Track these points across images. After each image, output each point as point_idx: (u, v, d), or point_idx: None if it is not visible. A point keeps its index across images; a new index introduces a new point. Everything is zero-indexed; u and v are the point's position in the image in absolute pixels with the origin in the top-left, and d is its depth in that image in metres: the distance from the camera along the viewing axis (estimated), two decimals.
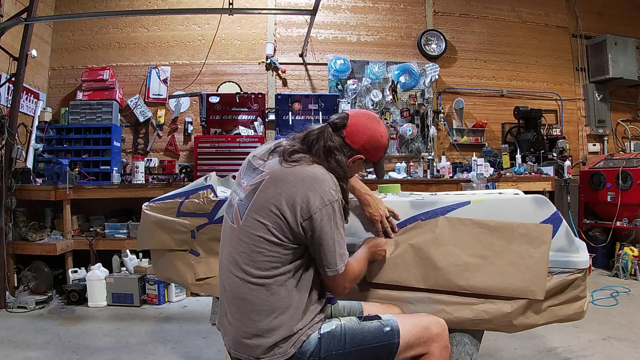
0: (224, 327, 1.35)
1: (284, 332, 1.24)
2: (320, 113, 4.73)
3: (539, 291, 1.52)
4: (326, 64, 5.28)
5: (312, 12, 4.02)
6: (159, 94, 5.09)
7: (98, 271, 3.79)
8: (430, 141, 5.28)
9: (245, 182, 1.36)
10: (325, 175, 1.27)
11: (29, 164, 4.34)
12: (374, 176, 4.95)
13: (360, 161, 1.40)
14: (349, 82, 5.20)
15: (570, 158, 5.27)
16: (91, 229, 4.19)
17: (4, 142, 3.77)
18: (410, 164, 5.19)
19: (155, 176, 4.63)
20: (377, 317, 1.38)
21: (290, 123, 4.71)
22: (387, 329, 1.33)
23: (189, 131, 5.07)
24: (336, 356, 1.28)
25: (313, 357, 1.26)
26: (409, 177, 4.95)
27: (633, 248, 4.45)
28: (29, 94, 4.58)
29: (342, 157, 1.33)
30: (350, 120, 1.37)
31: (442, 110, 5.47)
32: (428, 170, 5.06)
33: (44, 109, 4.72)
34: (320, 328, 1.31)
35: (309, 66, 5.33)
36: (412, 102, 5.31)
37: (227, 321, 1.32)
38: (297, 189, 1.23)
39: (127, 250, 4.00)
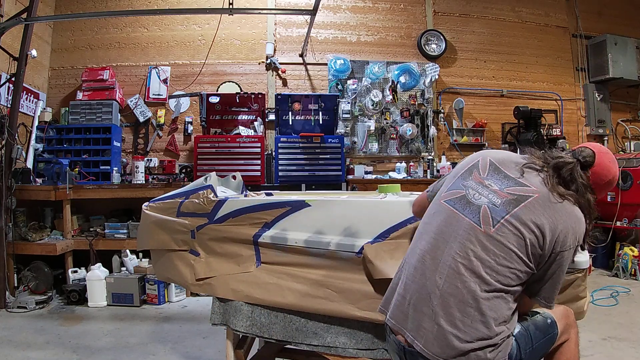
0: (424, 331, 1.23)
1: (502, 341, 1.22)
2: (320, 113, 4.73)
3: None
4: (326, 64, 5.28)
5: (312, 12, 4.02)
6: (159, 94, 5.09)
7: (98, 271, 3.78)
8: (430, 141, 5.28)
9: (495, 185, 1.30)
10: (583, 219, 1.28)
11: (29, 164, 4.34)
12: (374, 176, 4.96)
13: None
14: (349, 82, 5.20)
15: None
16: (91, 229, 4.19)
17: (4, 142, 3.76)
18: (411, 164, 5.19)
19: (155, 176, 4.63)
20: (536, 312, 1.40)
21: (290, 123, 4.70)
22: (549, 320, 1.37)
23: (189, 131, 5.07)
24: (529, 354, 1.31)
25: (516, 359, 1.28)
26: (409, 177, 4.96)
27: (633, 248, 4.45)
28: (29, 94, 4.57)
29: (591, 196, 1.32)
30: (597, 161, 1.35)
31: (442, 110, 5.47)
32: (428, 170, 5.07)
33: (44, 109, 4.72)
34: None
35: (309, 66, 5.34)
36: (412, 102, 5.31)
37: (434, 325, 1.21)
38: (561, 220, 1.23)
39: (127, 250, 4.00)
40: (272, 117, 5.02)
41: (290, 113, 4.70)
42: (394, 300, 1.34)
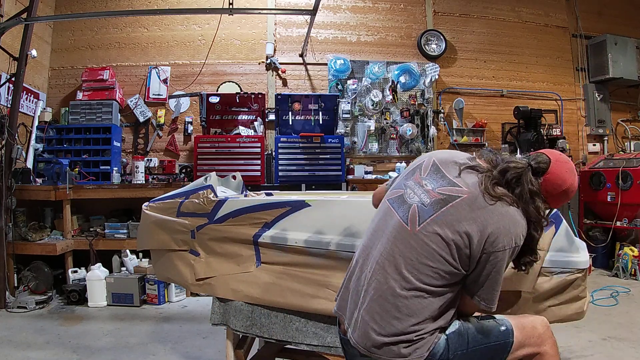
0: (351, 318, 1.31)
1: (420, 338, 1.23)
2: (320, 113, 4.73)
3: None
4: (326, 64, 5.28)
5: (312, 12, 4.02)
6: (159, 94, 5.09)
7: (98, 271, 3.78)
8: (430, 141, 5.28)
9: (429, 185, 1.30)
10: (521, 220, 1.25)
11: (29, 164, 4.34)
12: (374, 176, 4.96)
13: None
14: (349, 82, 5.20)
15: (570, 158, 5.26)
16: (91, 229, 4.19)
17: (4, 142, 3.76)
18: None
19: (155, 176, 4.63)
20: (492, 317, 1.38)
21: (290, 123, 4.70)
22: (503, 328, 1.34)
23: (189, 131, 5.07)
24: (461, 356, 1.29)
25: (442, 358, 1.26)
26: None
27: (633, 248, 4.45)
28: (29, 94, 4.57)
29: (541, 203, 1.28)
30: (551, 168, 1.31)
31: (442, 110, 5.47)
32: None
33: (44, 109, 4.72)
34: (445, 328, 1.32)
35: (309, 66, 5.33)
36: (412, 102, 5.31)
37: (360, 316, 1.27)
38: (492, 221, 1.21)
39: (127, 250, 4.00)
40: (272, 117, 5.02)
41: (290, 113, 4.70)
42: (341, 289, 1.41)
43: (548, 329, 1.41)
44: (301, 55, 5.29)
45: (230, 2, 3.79)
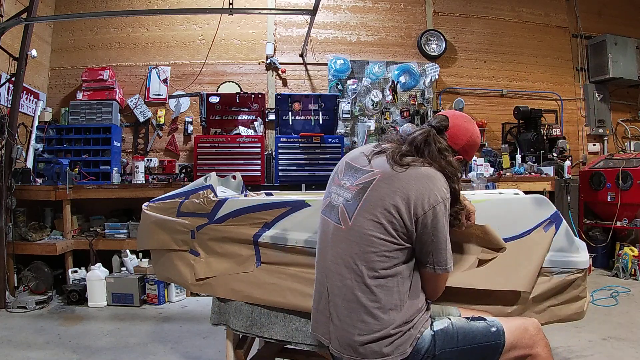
0: (327, 333, 1.35)
1: (398, 331, 1.25)
2: (320, 113, 4.73)
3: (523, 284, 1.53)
4: (326, 64, 5.28)
5: (312, 12, 4.02)
6: (159, 94, 5.09)
7: (98, 271, 3.79)
8: None
9: (348, 182, 1.38)
10: (437, 173, 1.31)
11: (29, 164, 4.34)
12: None
13: (459, 162, 1.43)
14: (349, 82, 5.20)
15: (570, 158, 5.27)
16: (91, 229, 4.19)
17: (4, 142, 3.76)
18: None
19: (155, 176, 4.63)
20: (483, 318, 1.39)
21: (290, 123, 4.70)
22: (494, 329, 1.36)
23: (189, 131, 5.07)
24: (449, 353, 1.31)
25: (428, 354, 1.28)
26: None
27: (633, 248, 4.45)
28: (29, 94, 4.58)
29: (452, 157, 1.36)
30: (450, 123, 1.42)
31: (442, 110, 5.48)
32: None
33: (44, 109, 4.72)
34: (432, 325, 1.34)
35: (309, 66, 5.33)
36: (412, 102, 5.31)
37: (333, 325, 1.31)
38: (411, 187, 1.26)
39: (127, 250, 4.00)
40: (272, 117, 5.02)
41: (290, 113, 4.69)
42: (312, 313, 1.45)
43: (540, 331, 1.41)
44: (301, 55, 5.29)
45: (230, 2, 3.79)
